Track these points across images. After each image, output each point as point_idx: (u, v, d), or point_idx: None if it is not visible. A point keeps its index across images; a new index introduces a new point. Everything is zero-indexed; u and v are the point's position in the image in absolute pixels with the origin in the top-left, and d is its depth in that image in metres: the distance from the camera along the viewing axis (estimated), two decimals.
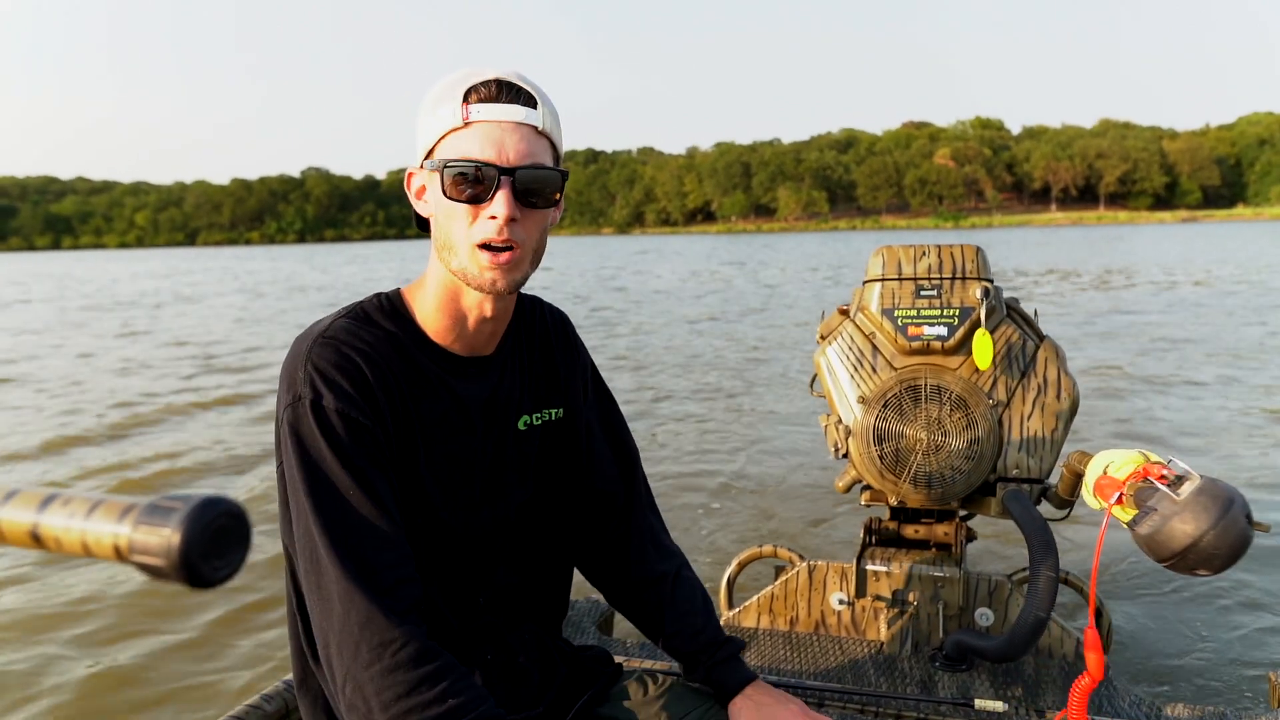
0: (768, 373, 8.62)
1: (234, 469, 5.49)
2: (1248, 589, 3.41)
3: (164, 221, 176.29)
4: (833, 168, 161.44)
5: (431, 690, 0.98)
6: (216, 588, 0.36)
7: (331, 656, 1.00)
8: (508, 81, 1.02)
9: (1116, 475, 1.05)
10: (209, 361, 10.38)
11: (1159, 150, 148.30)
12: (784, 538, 4.07)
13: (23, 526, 0.38)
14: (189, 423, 6.97)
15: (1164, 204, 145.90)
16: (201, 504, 0.36)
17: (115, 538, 0.36)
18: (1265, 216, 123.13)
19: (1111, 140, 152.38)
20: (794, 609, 2.12)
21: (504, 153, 1.01)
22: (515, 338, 1.22)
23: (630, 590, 1.32)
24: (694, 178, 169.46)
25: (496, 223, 1.01)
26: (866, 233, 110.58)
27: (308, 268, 40.38)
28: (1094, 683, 1.09)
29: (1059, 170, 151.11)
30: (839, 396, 2.05)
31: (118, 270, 45.56)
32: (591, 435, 1.31)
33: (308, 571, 1.01)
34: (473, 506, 1.15)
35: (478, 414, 1.15)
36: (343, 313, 1.10)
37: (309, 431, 1.01)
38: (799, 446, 5.75)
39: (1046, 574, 1.66)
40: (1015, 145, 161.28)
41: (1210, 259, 26.83)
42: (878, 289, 2.03)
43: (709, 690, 1.28)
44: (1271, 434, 5.73)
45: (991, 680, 1.85)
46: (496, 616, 1.20)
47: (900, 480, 1.95)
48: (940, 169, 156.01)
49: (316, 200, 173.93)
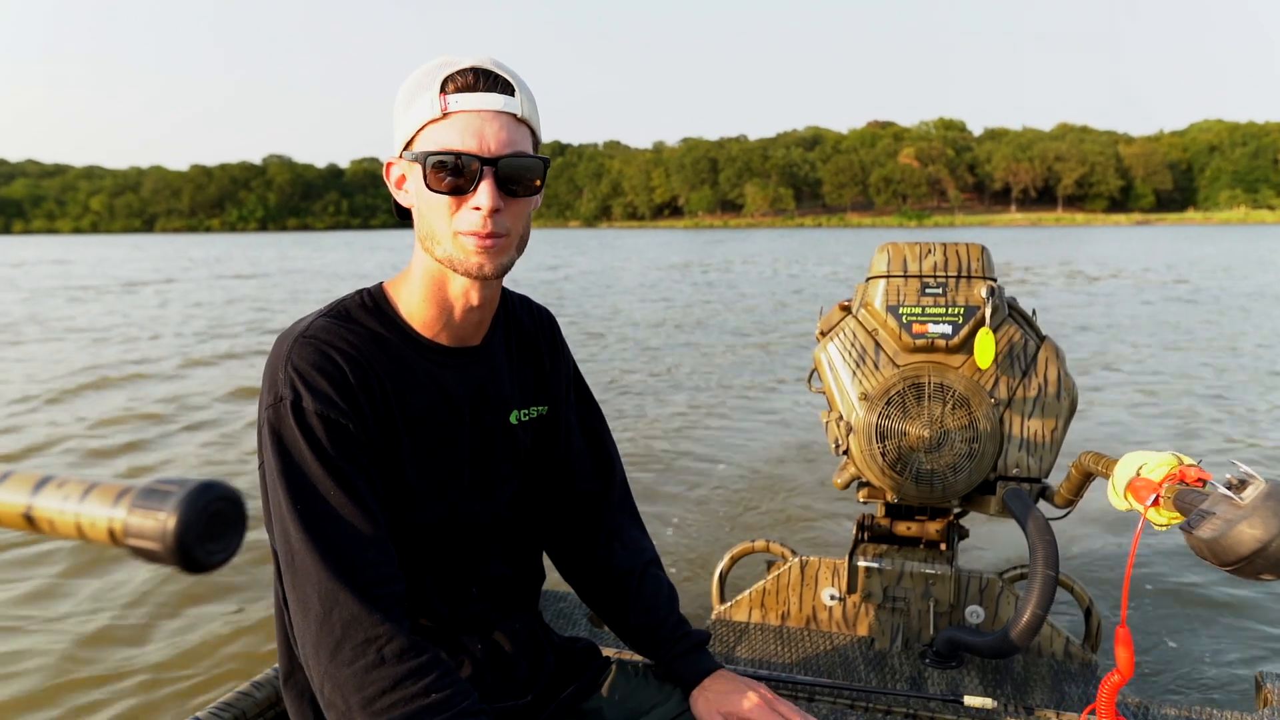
0: (758, 364, 8.71)
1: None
2: (1233, 590, 3.43)
3: (120, 207, 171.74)
4: (799, 165, 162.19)
5: (416, 684, 0.99)
6: (211, 572, 0.36)
7: (309, 657, 1.00)
8: (485, 69, 1.01)
9: (1151, 477, 1.05)
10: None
11: (1115, 154, 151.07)
12: (776, 532, 4.09)
13: (16, 509, 0.38)
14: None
15: (1119, 207, 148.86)
16: (197, 488, 0.36)
17: (110, 521, 0.36)
18: (1214, 221, 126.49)
19: (1069, 144, 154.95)
20: (785, 604, 2.14)
21: (485, 142, 1.00)
22: (504, 332, 1.22)
23: (598, 586, 1.33)
24: (661, 172, 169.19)
25: (480, 214, 1.01)
26: (832, 230, 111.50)
27: (346, 255, 39.72)
28: (1124, 680, 1.09)
29: (1019, 172, 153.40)
30: (839, 393, 2.04)
31: (107, 255, 44.40)
32: (571, 435, 1.32)
33: (287, 572, 1.01)
34: (462, 498, 1.15)
35: (466, 406, 1.15)
36: (324, 311, 1.10)
37: (289, 433, 1.01)
38: (796, 442, 5.77)
39: (1046, 573, 1.66)
40: (977, 146, 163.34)
41: (1176, 259, 27.68)
42: (882, 285, 2.01)
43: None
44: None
45: (981, 677, 1.86)
46: (488, 606, 1.21)
47: (902, 478, 1.94)
48: (904, 168, 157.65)
49: (279, 188, 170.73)
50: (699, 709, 1.22)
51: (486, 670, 1.18)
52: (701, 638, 1.29)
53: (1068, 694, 1.82)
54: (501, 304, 1.23)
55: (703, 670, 1.26)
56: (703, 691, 1.23)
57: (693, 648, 1.28)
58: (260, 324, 13.09)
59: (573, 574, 1.36)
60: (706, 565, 3.61)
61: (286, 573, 1.01)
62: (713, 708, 1.21)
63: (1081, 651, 1.97)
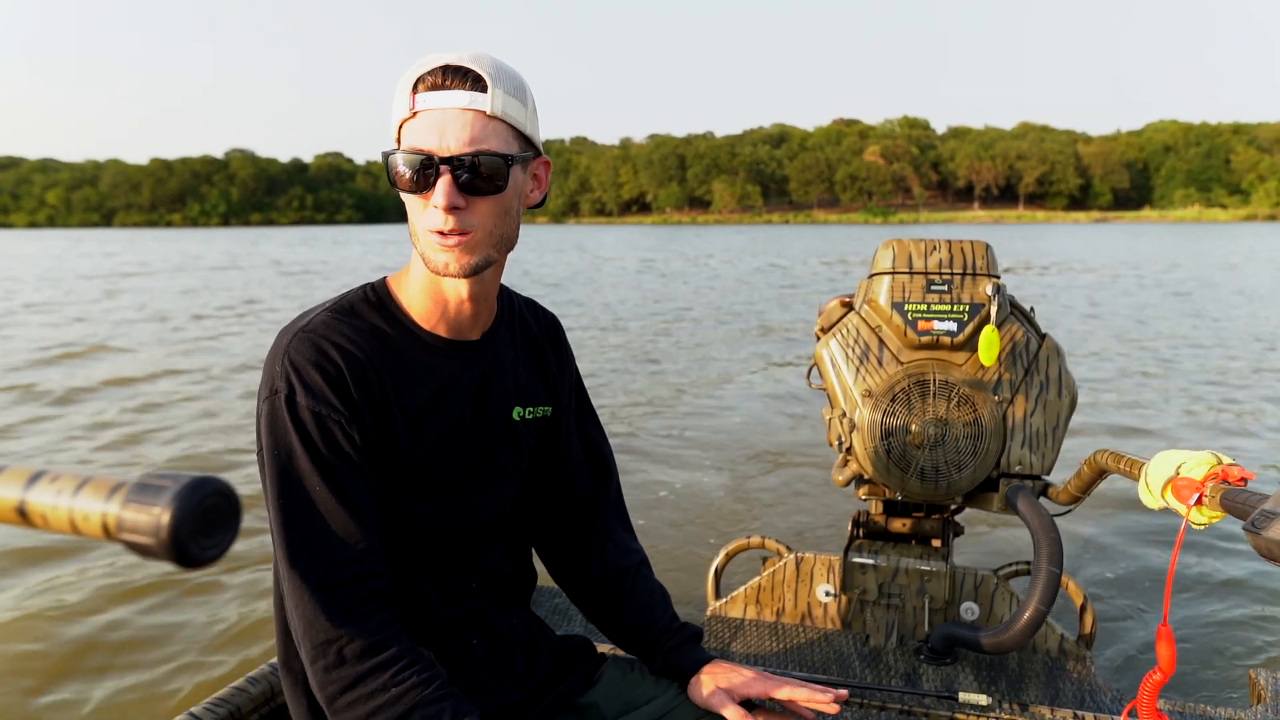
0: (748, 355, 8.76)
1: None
2: (1228, 586, 3.44)
3: (78, 201, 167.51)
4: (766, 162, 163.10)
5: (374, 682, 1.00)
6: (206, 568, 0.38)
7: (298, 645, 1.04)
8: (457, 66, 1.01)
9: (1193, 476, 1.06)
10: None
11: (1074, 153, 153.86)
12: (771, 529, 4.10)
13: (9, 503, 0.38)
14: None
15: (1078, 205, 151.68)
16: (192, 483, 0.36)
17: (104, 515, 0.36)
18: (1170, 219, 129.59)
19: (1030, 142, 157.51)
20: (781, 600, 2.14)
21: (444, 141, 1.00)
22: (509, 331, 1.23)
23: (591, 586, 1.34)
24: (629, 169, 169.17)
25: (439, 211, 1.01)
26: (799, 226, 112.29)
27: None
28: (1165, 678, 1.11)
29: (981, 170, 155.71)
30: (842, 390, 2.03)
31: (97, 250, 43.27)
32: (570, 438, 1.33)
33: (278, 561, 1.04)
34: (462, 492, 1.16)
35: (467, 401, 1.15)
36: (327, 305, 1.11)
37: (282, 426, 1.03)
38: (792, 438, 5.78)
39: (1051, 570, 1.67)
40: (940, 144, 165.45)
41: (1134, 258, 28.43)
42: (887, 281, 2.00)
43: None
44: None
45: (975, 673, 1.86)
46: (485, 602, 1.21)
47: (906, 475, 1.95)
48: (870, 166, 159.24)
49: (242, 183, 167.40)
50: (698, 695, 1.23)
51: (483, 665, 1.19)
52: (696, 631, 1.30)
53: (1062, 690, 1.82)
54: (507, 304, 1.24)
55: (699, 661, 1.26)
56: (699, 678, 1.24)
57: (688, 640, 1.29)
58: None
59: (564, 575, 1.37)
60: (701, 562, 3.61)
61: (279, 560, 1.04)
62: (714, 685, 1.22)
63: (1076, 648, 1.98)
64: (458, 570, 1.18)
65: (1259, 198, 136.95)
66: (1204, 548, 3.81)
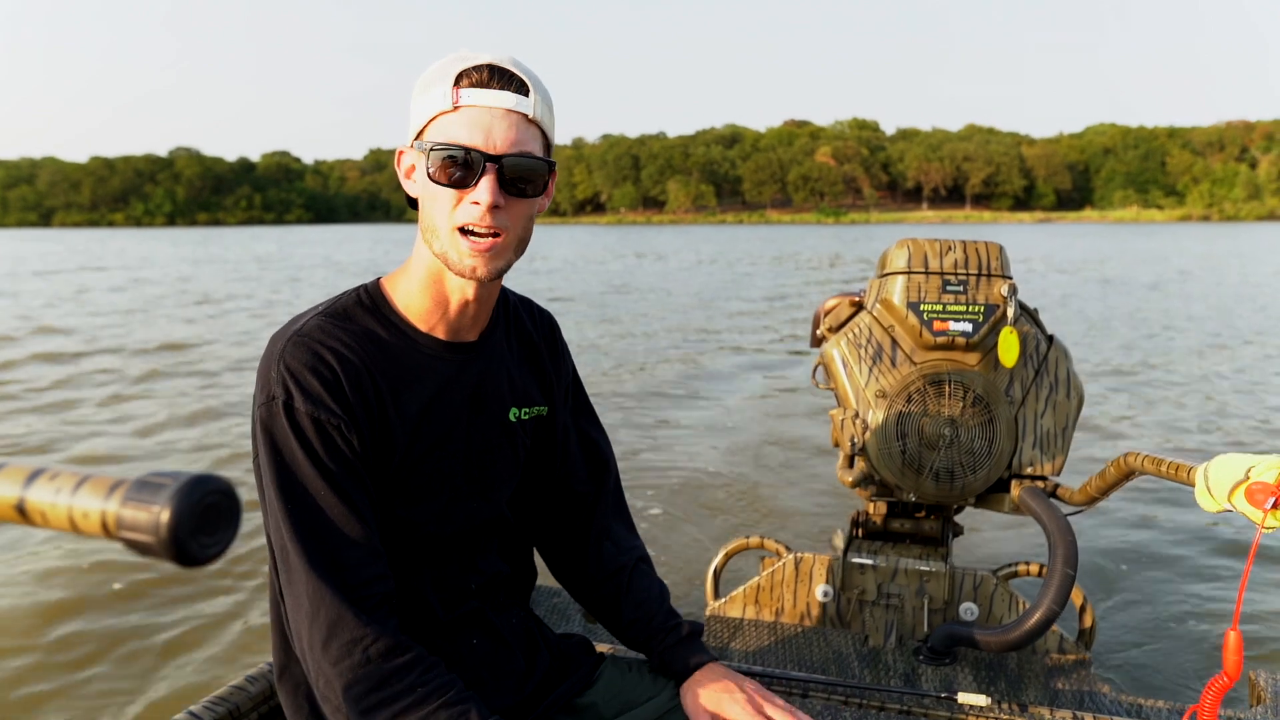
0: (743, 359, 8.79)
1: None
2: (1225, 588, 3.43)
3: (14, 200, 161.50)
4: (719, 163, 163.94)
5: (401, 682, 1.00)
6: (205, 566, 0.36)
7: (304, 650, 1.02)
8: (500, 67, 1.02)
9: (1266, 479, 1.05)
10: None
11: (1018, 155, 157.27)
12: (771, 529, 4.10)
13: (8, 501, 0.38)
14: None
15: (1022, 205, 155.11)
16: (191, 481, 0.35)
17: (103, 514, 0.36)
18: (1110, 219, 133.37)
19: (977, 144, 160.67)
20: (780, 600, 2.14)
21: (491, 139, 1.01)
22: (505, 332, 1.22)
23: (590, 583, 1.34)
24: (584, 169, 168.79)
25: (479, 208, 1.01)
26: (753, 226, 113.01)
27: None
28: (1231, 682, 1.11)
29: (930, 171, 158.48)
30: (854, 390, 2.02)
31: None
32: (568, 437, 1.33)
33: (281, 568, 1.03)
34: (460, 494, 1.16)
35: (463, 402, 1.15)
36: (320, 309, 1.10)
37: (281, 432, 1.02)
38: (791, 437, 5.77)
39: (1066, 571, 1.68)
40: (890, 146, 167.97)
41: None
42: (901, 281, 1.99)
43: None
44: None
45: (975, 674, 1.86)
46: (484, 603, 1.21)
47: (921, 476, 1.95)
48: (821, 166, 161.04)
49: (187, 181, 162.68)
50: (689, 705, 1.23)
51: (483, 666, 1.19)
52: (694, 628, 1.30)
53: (1061, 691, 1.82)
54: (502, 303, 1.23)
55: (695, 663, 1.26)
56: (692, 686, 1.24)
57: (684, 639, 1.28)
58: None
59: (564, 572, 1.37)
60: (700, 562, 3.60)
61: (281, 567, 1.03)
62: (701, 707, 1.21)
63: (1076, 649, 1.98)
64: (456, 572, 1.18)
65: (1193, 199, 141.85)
66: (1217, 545, 3.84)
